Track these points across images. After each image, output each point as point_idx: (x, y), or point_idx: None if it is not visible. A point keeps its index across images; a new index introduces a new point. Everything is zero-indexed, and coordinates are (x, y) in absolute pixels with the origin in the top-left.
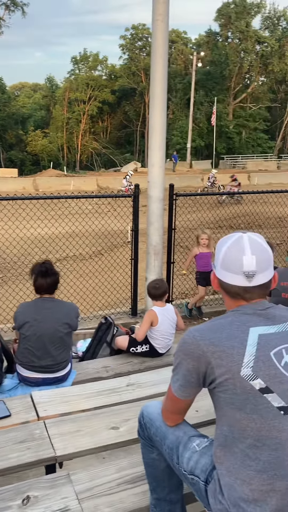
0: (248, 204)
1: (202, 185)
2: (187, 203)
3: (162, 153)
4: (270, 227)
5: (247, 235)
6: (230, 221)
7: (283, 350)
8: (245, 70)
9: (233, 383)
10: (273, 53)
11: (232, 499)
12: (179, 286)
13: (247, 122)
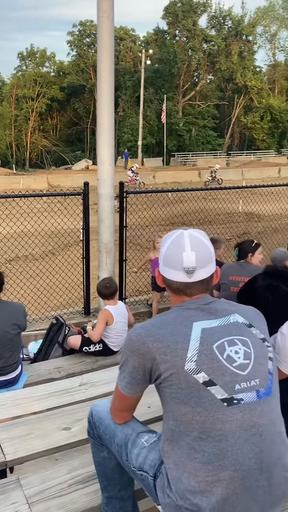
0: (199, 201)
1: (154, 182)
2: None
3: (111, 150)
4: (220, 223)
5: (188, 232)
6: (183, 217)
7: (225, 342)
8: (193, 68)
9: (177, 377)
10: (219, 51)
11: (180, 491)
12: (132, 284)
13: (196, 120)
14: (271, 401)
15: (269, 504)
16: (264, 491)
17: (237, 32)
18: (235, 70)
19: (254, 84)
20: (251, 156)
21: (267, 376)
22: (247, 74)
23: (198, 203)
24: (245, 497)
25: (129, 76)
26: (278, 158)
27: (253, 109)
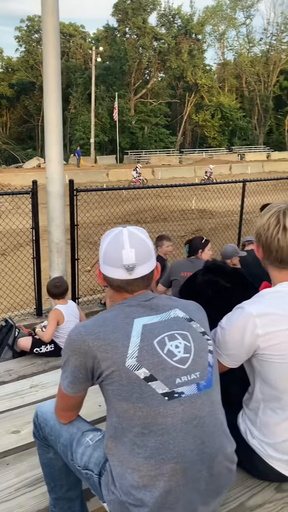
0: (153, 199)
1: (108, 179)
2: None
3: (59, 148)
4: (174, 220)
5: (127, 229)
6: (137, 215)
7: (165, 337)
8: (144, 66)
9: (119, 374)
10: (170, 50)
11: (124, 487)
12: (85, 283)
13: (148, 118)
14: (211, 393)
15: (212, 494)
16: (206, 482)
17: (187, 31)
18: (186, 68)
19: (204, 82)
20: (203, 154)
21: (207, 369)
22: (198, 73)
23: (152, 200)
24: (188, 488)
25: (80, 73)
26: (229, 155)
27: (204, 107)
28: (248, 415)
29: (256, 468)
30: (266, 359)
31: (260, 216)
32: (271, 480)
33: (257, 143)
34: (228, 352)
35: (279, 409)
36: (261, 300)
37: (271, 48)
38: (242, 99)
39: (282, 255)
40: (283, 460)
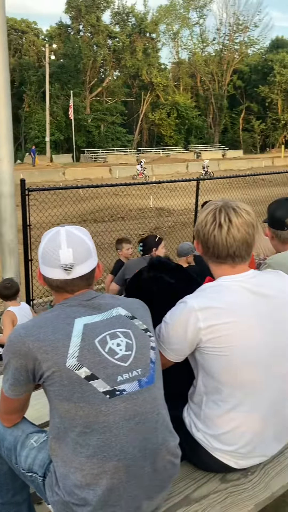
0: (111, 197)
1: (64, 178)
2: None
3: (9, 147)
4: (132, 218)
5: (65, 228)
6: (94, 214)
7: (107, 336)
8: (99, 64)
9: (59, 375)
10: (124, 48)
11: (67, 488)
12: (39, 285)
13: (104, 116)
14: (154, 389)
15: (156, 489)
16: (150, 477)
17: (141, 30)
18: (141, 67)
19: (159, 81)
20: (160, 152)
21: (149, 366)
22: (153, 71)
23: (110, 199)
24: (131, 485)
25: (33, 71)
26: (185, 154)
27: (160, 106)
28: (192, 409)
29: (201, 460)
30: (208, 352)
31: (200, 213)
32: (216, 471)
33: (212, 142)
34: (172, 347)
35: (221, 401)
36: (202, 294)
37: (224, 47)
38: (197, 98)
39: (218, 250)
40: (227, 451)
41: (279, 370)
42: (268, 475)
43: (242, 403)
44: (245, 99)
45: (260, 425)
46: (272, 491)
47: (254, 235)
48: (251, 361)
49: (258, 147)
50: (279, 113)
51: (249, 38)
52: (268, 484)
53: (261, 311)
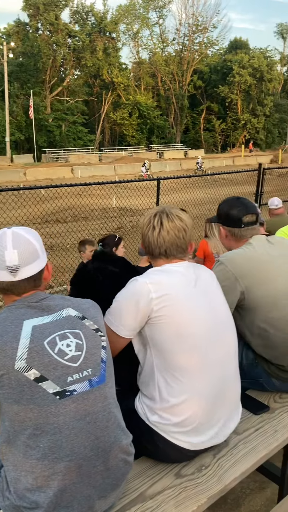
0: (74, 197)
1: (25, 179)
2: (9, 199)
3: None
4: (95, 218)
5: (11, 230)
6: (56, 215)
7: (56, 337)
8: (59, 63)
9: (8, 378)
10: (84, 47)
11: (19, 491)
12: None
13: (66, 116)
14: (105, 388)
15: (109, 487)
16: (102, 476)
17: (101, 29)
18: (101, 67)
19: (120, 81)
20: (122, 152)
21: (100, 365)
22: (113, 71)
23: (72, 199)
24: (83, 484)
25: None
26: (148, 153)
27: (121, 105)
28: (144, 393)
29: (158, 448)
30: (159, 321)
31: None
32: (173, 459)
33: (174, 142)
34: (124, 322)
35: (173, 371)
36: (151, 272)
37: (184, 48)
38: (158, 98)
39: (152, 249)
40: (180, 425)
41: (216, 349)
42: (222, 468)
43: (191, 375)
44: (206, 99)
45: (207, 400)
46: (225, 484)
47: (186, 239)
48: (196, 332)
49: (219, 146)
50: (239, 113)
51: (208, 38)
52: (221, 477)
53: (200, 289)
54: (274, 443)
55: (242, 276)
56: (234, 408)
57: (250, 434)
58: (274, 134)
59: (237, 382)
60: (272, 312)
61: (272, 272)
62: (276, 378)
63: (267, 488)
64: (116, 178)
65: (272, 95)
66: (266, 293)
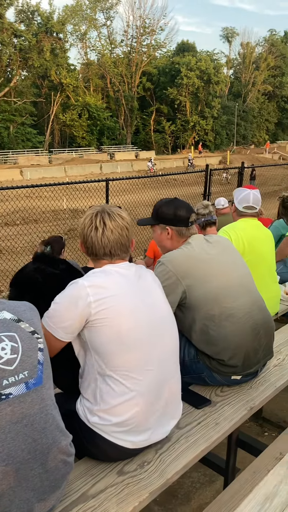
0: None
1: None
2: None
3: None
4: (46, 221)
5: None
6: (5, 218)
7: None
8: (4, 63)
9: None
10: (31, 47)
11: None
12: None
13: (13, 117)
14: (42, 390)
15: (49, 489)
16: (41, 478)
17: (47, 29)
18: (49, 67)
19: (69, 82)
20: (73, 153)
21: (36, 367)
22: (62, 72)
23: (22, 201)
24: (21, 488)
25: None
26: (99, 155)
27: (70, 106)
28: (85, 395)
29: (100, 449)
30: (97, 324)
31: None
32: (115, 459)
33: (125, 143)
34: (63, 324)
35: (113, 374)
36: (91, 275)
37: (133, 50)
38: (108, 99)
39: (96, 250)
40: (121, 425)
41: (156, 348)
42: (163, 463)
43: (131, 375)
44: (155, 100)
45: (148, 399)
46: (167, 478)
47: (128, 236)
48: (135, 335)
49: (170, 148)
50: (188, 115)
51: (156, 41)
52: (163, 471)
53: (140, 290)
54: (215, 435)
55: (183, 276)
56: (175, 405)
57: (192, 428)
58: (222, 136)
59: (178, 379)
60: (213, 310)
61: (211, 271)
62: (217, 373)
63: (217, 481)
64: (66, 180)
65: (219, 97)
66: (207, 291)
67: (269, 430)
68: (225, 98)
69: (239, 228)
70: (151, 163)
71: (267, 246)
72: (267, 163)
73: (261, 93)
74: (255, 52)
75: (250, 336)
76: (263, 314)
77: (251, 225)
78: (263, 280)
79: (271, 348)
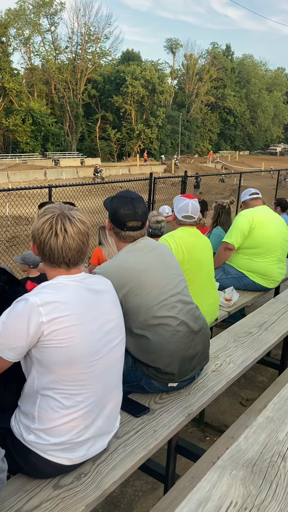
0: None
1: None
2: None
3: None
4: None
5: None
6: None
7: None
8: None
9: None
10: None
11: None
12: None
13: None
14: None
15: None
16: None
17: None
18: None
19: (12, 86)
20: (16, 159)
21: None
22: (5, 76)
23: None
24: None
25: None
26: (43, 161)
27: (14, 111)
28: (23, 411)
29: (35, 467)
30: (48, 345)
31: (36, 218)
32: (51, 475)
33: (70, 149)
34: (12, 346)
35: (57, 394)
36: (43, 291)
37: (77, 56)
38: (52, 105)
39: (54, 257)
40: (59, 444)
41: (102, 363)
42: (101, 474)
43: (75, 395)
44: (101, 108)
45: (89, 417)
46: (104, 489)
47: (88, 243)
48: (84, 353)
49: (115, 155)
50: (133, 123)
51: (101, 48)
52: (100, 482)
53: (93, 306)
54: (153, 443)
55: (117, 287)
56: (113, 418)
57: (130, 437)
58: (167, 145)
59: (119, 391)
60: (148, 320)
61: (145, 281)
62: (155, 380)
63: (159, 488)
64: (9, 186)
65: (164, 107)
66: (142, 301)
67: (210, 435)
68: (170, 107)
69: (178, 236)
70: (98, 173)
71: (206, 253)
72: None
73: (204, 104)
74: (198, 64)
75: (185, 344)
76: (198, 321)
77: (190, 233)
78: (202, 287)
79: (207, 354)
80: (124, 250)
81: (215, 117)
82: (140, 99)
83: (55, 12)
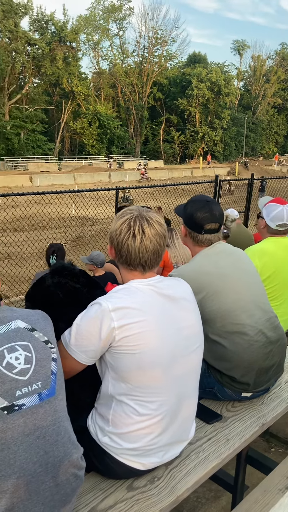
0: (32, 206)
1: None
2: None
3: None
4: (54, 227)
5: None
6: (14, 223)
7: (5, 350)
8: (18, 70)
9: None
10: (44, 56)
11: None
12: None
13: (24, 124)
14: (55, 401)
15: (59, 503)
16: (51, 492)
17: (61, 38)
18: (61, 75)
19: (80, 90)
20: (82, 161)
21: (50, 378)
22: (73, 80)
23: (31, 208)
24: (32, 502)
25: None
26: (107, 163)
27: (81, 115)
28: (99, 414)
29: (109, 468)
30: (120, 351)
31: (115, 220)
32: (124, 477)
33: (134, 152)
34: (85, 349)
35: (130, 400)
36: (115, 295)
37: (144, 60)
38: (118, 109)
39: (131, 259)
40: (132, 450)
41: (177, 371)
42: (174, 479)
43: (149, 403)
44: (165, 111)
45: (163, 425)
46: (177, 495)
47: (164, 245)
48: (157, 360)
49: (178, 158)
50: (197, 126)
51: (167, 52)
52: (173, 488)
53: (167, 311)
54: (226, 451)
55: (195, 292)
56: (188, 426)
57: (203, 443)
58: (231, 147)
59: (195, 398)
60: (226, 326)
61: (224, 287)
62: (229, 388)
63: (222, 497)
64: (75, 187)
65: (229, 109)
66: (219, 307)
67: (276, 446)
68: (235, 109)
69: (269, 253)
70: (141, 166)
71: None
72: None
73: (271, 106)
74: (265, 65)
75: (262, 355)
76: (276, 331)
77: (283, 246)
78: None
79: (282, 365)
80: (200, 254)
81: (282, 119)
82: (205, 102)
83: (123, 17)
